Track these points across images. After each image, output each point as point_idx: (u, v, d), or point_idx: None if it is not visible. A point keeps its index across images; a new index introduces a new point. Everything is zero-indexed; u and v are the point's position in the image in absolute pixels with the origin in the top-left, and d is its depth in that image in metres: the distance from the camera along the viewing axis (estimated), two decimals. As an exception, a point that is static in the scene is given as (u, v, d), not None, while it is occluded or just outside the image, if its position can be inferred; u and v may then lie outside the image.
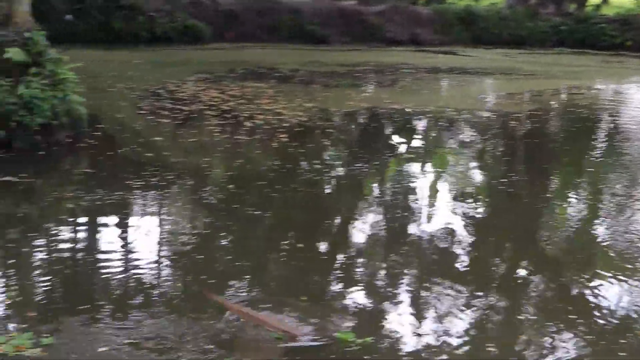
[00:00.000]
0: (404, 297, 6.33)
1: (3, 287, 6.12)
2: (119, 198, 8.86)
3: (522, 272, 7.19)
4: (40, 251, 7.18)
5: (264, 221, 8.36)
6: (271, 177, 10.08)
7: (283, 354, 5.15)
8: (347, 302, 6.11)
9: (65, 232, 7.74)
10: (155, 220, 8.47)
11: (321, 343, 5.24)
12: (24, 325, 5.29)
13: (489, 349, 5.37)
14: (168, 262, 7.02)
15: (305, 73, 21.77)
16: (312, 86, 19.26)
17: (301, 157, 11.50)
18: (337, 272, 6.96)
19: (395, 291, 6.45)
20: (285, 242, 7.77)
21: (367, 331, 5.42)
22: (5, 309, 5.68)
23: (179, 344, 5.12)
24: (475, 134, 14.39)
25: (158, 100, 15.77)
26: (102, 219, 8.27)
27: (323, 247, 7.84)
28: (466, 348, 5.35)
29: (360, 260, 7.39)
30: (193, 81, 18.71)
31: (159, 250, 7.44)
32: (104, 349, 4.98)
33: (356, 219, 8.83)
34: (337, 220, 8.87)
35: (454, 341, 5.39)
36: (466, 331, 5.61)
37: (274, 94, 17.12)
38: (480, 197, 9.96)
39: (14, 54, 10.34)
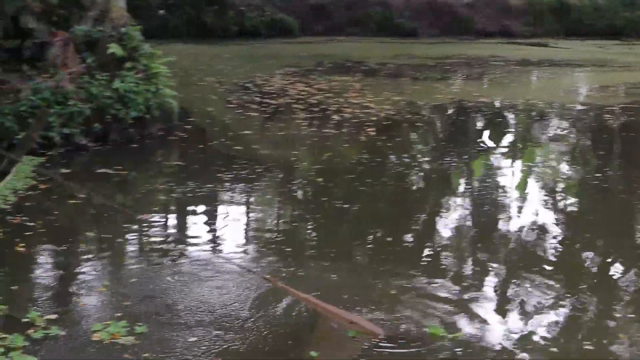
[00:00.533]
0: (494, 292, 6.17)
1: (99, 276, 6.30)
2: (209, 190, 9.01)
3: (616, 269, 6.93)
4: (134, 241, 7.36)
5: (352, 214, 8.33)
6: (360, 170, 10.04)
7: (364, 351, 5.06)
8: (436, 296, 5.97)
9: (157, 223, 7.91)
10: (244, 212, 8.58)
11: (412, 348, 5.10)
12: (118, 314, 5.39)
13: (586, 347, 5.18)
14: (255, 253, 7.08)
15: (393, 66, 21.65)
16: (400, 79, 19.15)
17: (389, 151, 11.41)
18: (425, 265, 6.85)
19: (485, 286, 6.28)
20: (373, 236, 7.75)
21: (457, 326, 5.34)
22: (101, 297, 5.84)
23: (259, 336, 5.16)
24: (566, 127, 14.01)
25: (247, 94, 15.95)
26: (193, 210, 8.41)
27: (411, 240, 7.76)
28: (559, 345, 5.19)
29: (449, 254, 7.23)
30: (281, 75, 18.82)
31: (247, 241, 7.52)
32: (193, 339, 5.05)
33: (444, 213, 8.69)
34: (425, 215, 8.76)
35: (547, 338, 5.22)
36: (558, 328, 5.45)
37: (361, 87, 17.08)
38: (572, 192, 9.68)
39: (116, 49, 10.62)
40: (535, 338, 5.24)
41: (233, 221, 8.07)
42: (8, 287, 5.93)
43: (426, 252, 7.32)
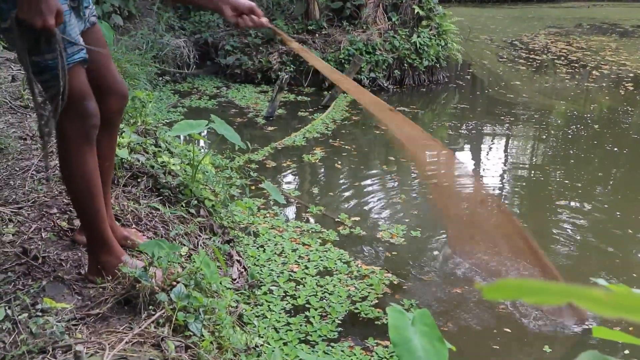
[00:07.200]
0: None
1: (396, 190, 6.13)
2: (490, 128, 8.51)
3: None
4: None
5: (620, 157, 7.33)
6: (629, 121, 8.85)
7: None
8: None
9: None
10: (524, 148, 7.93)
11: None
12: (406, 219, 5.35)
13: None
14: (520, 182, 6.50)
15: (648, 28, 18.99)
16: (655, 41, 16.73)
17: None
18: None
19: None
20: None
21: None
22: (395, 207, 5.70)
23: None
24: None
25: (515, 50, 14.86)
26: (475, 144, 7.94)
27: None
28: None
29: None
30: (544, 34, 17.31)
31: (517, 171, 6.93)
32: (448, 251, 4.69)
33: None
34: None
35: None
36: None
37: (617, 47, 15.18)
38: None
39: (419, 9, 10.34)
40: None
41: (510, 155, 7.51)
42: (327, 192, 6.02)
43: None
